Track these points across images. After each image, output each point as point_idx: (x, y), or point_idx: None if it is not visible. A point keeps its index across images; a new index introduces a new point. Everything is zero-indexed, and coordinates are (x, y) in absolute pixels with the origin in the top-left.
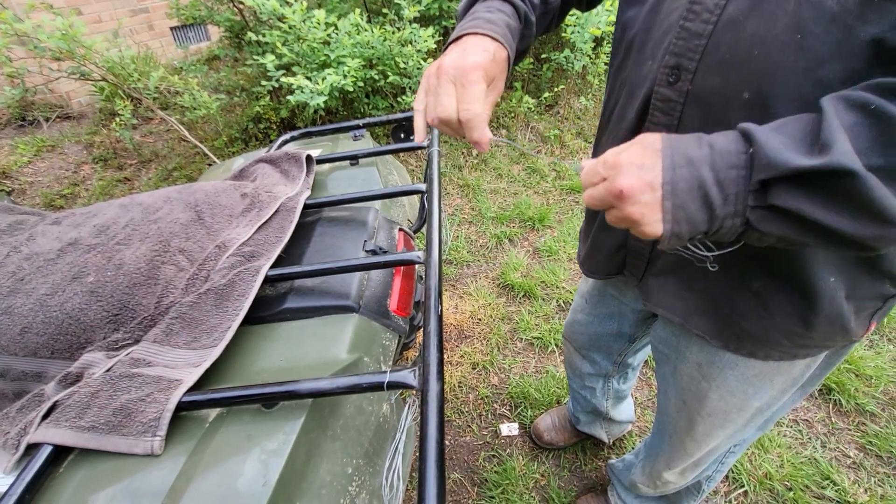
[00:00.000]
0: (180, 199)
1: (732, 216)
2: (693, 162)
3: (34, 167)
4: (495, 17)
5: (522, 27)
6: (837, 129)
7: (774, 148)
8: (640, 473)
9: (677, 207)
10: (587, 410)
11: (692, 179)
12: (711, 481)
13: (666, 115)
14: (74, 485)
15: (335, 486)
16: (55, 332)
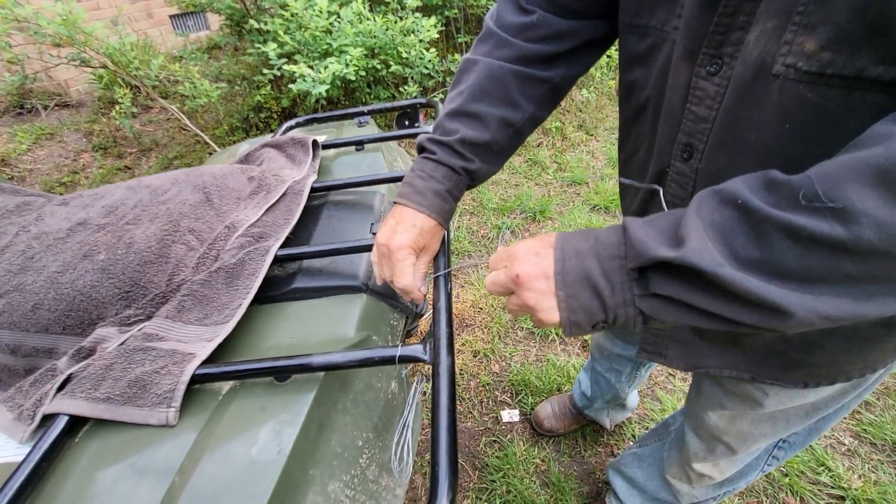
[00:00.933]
0: (188, 182)
1: (623, 305)
2: (580, 253)
3: (33, 155)
4: (427, 185)
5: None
6: (694, 226)
7: (640, 239)
8: (668, 464)
9: (570, 297)
10: (606, 397)
11: (580, 270)
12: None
13: (681, 187)
14: (90, 454)
15: (346, 457)
16: (67, 309)
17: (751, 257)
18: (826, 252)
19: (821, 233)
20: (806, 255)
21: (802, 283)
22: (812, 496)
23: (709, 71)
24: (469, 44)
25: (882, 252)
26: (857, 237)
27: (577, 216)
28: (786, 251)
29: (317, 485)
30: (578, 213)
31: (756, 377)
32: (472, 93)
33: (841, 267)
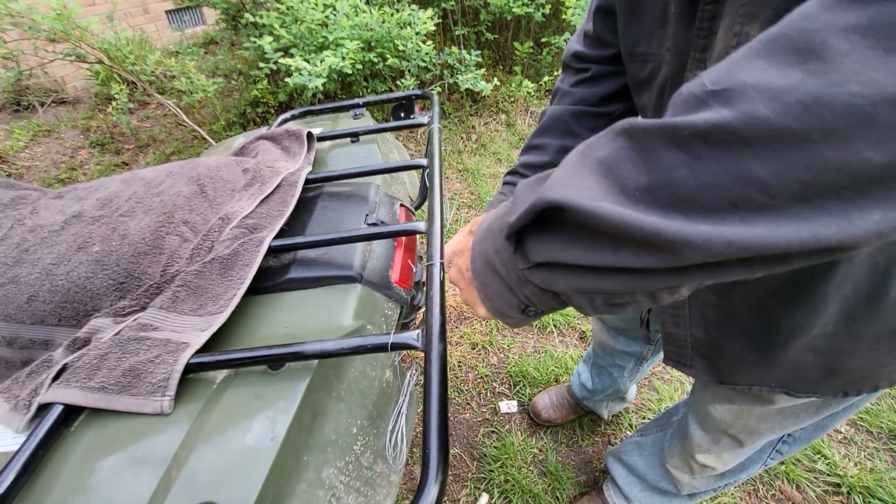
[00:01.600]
0: (182, 174)
1: (520, 284)
2: (485, 235)
3: (31, 152)
4: (497, 199)
5: None
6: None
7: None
8: (670, 454)
9: (483, 285)
10: (608, 391)
11: (484, 254)
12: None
13: None
14: (86, 443)
15: (341, 444)
16: (62, 300)
17: (640, 184)
18: (719, 151)
19: (705, 124)
20: (699, 163)
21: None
22: (808, 483)
23: (696, 74)
24: (466, 36)
25: (785, 131)
26: (749, 115)
27: None
28: (676, 164)
29: (311, 471)
30: None
31: (790, 392)
32: (538, 131)
33: (743, 167)
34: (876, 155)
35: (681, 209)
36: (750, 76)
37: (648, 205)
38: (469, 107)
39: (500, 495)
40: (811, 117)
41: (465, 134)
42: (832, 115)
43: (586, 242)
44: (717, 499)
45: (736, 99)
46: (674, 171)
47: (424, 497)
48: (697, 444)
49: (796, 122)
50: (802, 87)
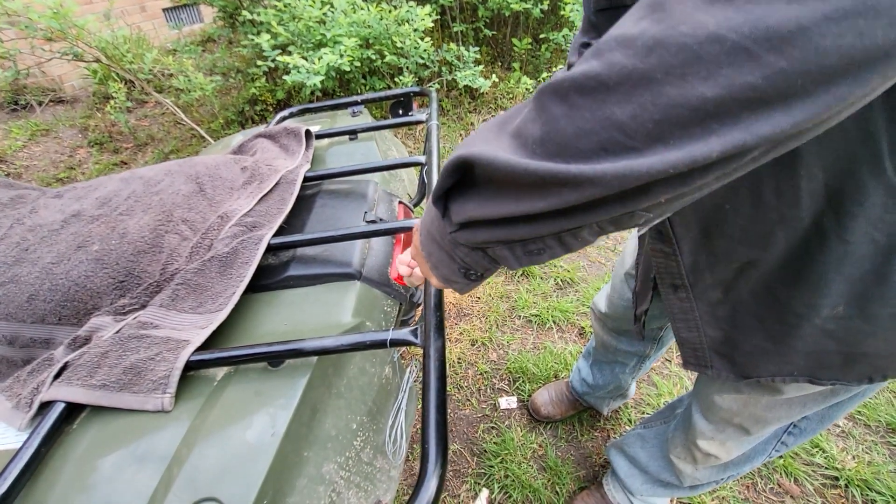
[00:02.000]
0: (181, 172)
1: (452, 246)
2: (428, 208)
3: (29, 151)
4: None
5: None
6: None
7: None
8: (673, 444)
9: (429, 254)
10: (609, 388)
11: (425, 224)
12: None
13: None
14: (88, 440)
15: (341, 440)
16: (62, 299)
17: (535, 137)
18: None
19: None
20: (575, 112)
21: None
22: (806, 477)
23: None
24: (464, 32)
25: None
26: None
27: None
28: (560, 116)
29: (311, 466)
30: None
31: (814, 380)
32: None
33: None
34: (707, 90)
35: (562, 156)
36: (615, 31)
37: (540, 155)
38: (468, 103)
39: (500, 490)
40: (653, 58)
41: (464, 131)
42: (669, 54)
43: (494, 196)
44: (715, 492)
45: (603, 51)
46: (558, 121)
47: (423, 490)
48: (701, 432)
49: (643, 63)
50: (647, 32)
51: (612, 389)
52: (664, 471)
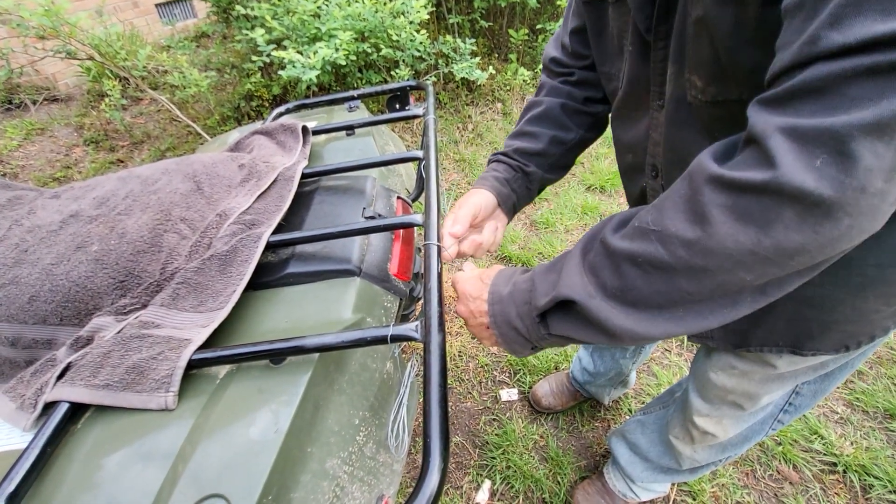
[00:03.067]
0: (178, 171)
1: (540, 339)
2: (503, 300)
3: (24, 151)
4: (487, 174)
5: (522, 175)
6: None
7: (538, 290)
8: (672, 425)
9: (502, 335)
10: (610, 374)
11: (504, 314)
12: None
13: None
14: (93, 439)
15: (343, 435)
16: (63, 300)
17: (614, 287)
18: (661, 273)
19: (651, 256)
20: (649, 279)
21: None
22: (805, 463)
23: (658, 104)
24: (461, 24)
25: (698, 267)
26: (675, 255)
27: (573, 196)
28: (634, 278)
29: (315, 462)
30: (574, 194)
31: (797, 350)
32: (530, 119)
33: (678, 285)
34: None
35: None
36: (674, 226)
37: (620, 302)
38: (465, 96)
39: (503, 481)
40: (711, 259)
41: (462, 124)
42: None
43: (587, 326)
44: (714, 480)
45: (666, 242)
46: (635, 281)
47: (426, 485)
48: (697, 411)
49: (703, 261)
50: (702, 241)
51: (613, 376)
52: (664, 456)
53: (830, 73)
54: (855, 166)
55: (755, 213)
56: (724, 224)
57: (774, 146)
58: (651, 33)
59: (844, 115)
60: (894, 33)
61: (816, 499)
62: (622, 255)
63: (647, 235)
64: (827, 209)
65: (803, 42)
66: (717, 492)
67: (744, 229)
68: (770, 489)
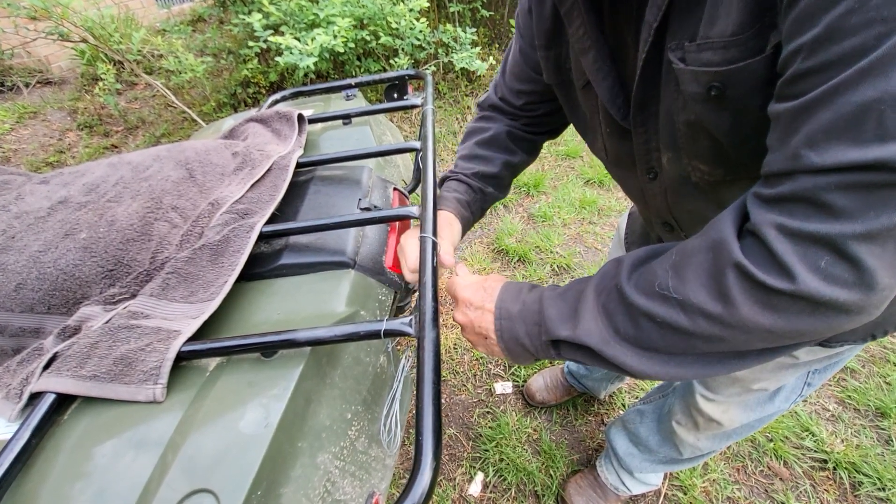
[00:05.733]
0: (170, 158)
1: (546, 356)
2: (512, 317)
3: (17, 134)
4: (449, 195)
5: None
6: (588, 308)
7: (550, 317)
8: (674, 412)
9: (509, 349)
10: None
11: (512, 331)
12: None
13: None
14: (80, 431)
15: (335, 429)
16: (50, 288)
17: (629, 334)
18: (679, 334)
19: (671, 319)
20: (666, 336)
21: (668, 356)
22: (795, 460)
23: (649, 178)
24: (461, 13)
25: (716, 337)
26: (695, 323)
27: (571, 190)
28: (651, 331)
29: (306, 456)
30: (572, 188)
31: (825, 343)
32: (480, 143)
33: (693, 345)
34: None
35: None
36: (696, 298)
37: (633, 346)
38: (464, 86)
39: (495, 474)
40: (730, 332)
41: (461, 115)
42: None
43: (598, 361)
44: (706, 475)
45: (688, 310)
46: (651, 334)
47: (417, 482)
48: (702, 395)
49: (721, 332)
50: (724, 317)
51: None
52: (664, 445)
53: (815, 186)
54: (858, 267)
55: (777, 307)
56: (746, 307)
57: (781, 251)
58: (628, 121)
59: (837, 225)
60: (866, 161)
61: (806, 495)
62: (640, 311)
63: (667, 301)
64: (842, 308)
65: (786, 157)
66: (707, 487)
67: (763, 315)
68: (761, 485)
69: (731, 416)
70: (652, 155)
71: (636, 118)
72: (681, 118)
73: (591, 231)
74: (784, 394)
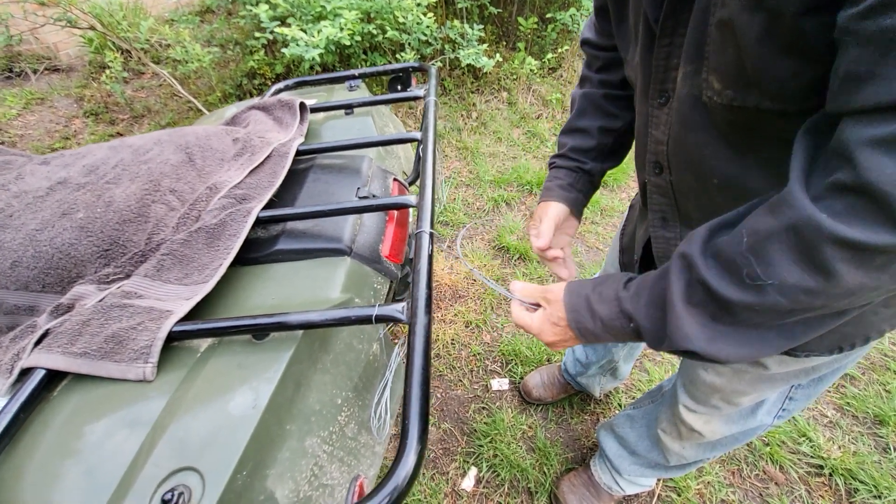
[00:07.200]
0: (171, 142)
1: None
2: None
3: (24, 120)
4: (552, 184)
5: (583, 174)
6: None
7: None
8: (659, 420)
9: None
10: (602, 362)
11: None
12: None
13: (662, 196)
14: (69, 407)
15: (325, 414)
16: (45, 266)
17: (725, 323)
18: (780, 314)
19: (771, 304)
20: (761, 318)
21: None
22: (791, 465)
23: (659, 102)
24: (469, 9)
25: (818, 305)
26: (795, 300)
27: None
28: (751, 317)
29: (294, 439)
30: None
31: (790, 352)
32: (576, 114)
33: (794, 317)
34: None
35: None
36: (792, 278)
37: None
38: (470, 83)
39: (489, 469)
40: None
41: (466, 111)
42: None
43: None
44: (700, 477)
45: (787, 292)
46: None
47: (402, 465)
48: (685, 406)
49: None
50: (826, 289)
51: (604, 364)
52: (651, 450)
53: None
54: None
55: (881, 263)
56: (849, 274)
57: None
58: (657, 24)
59: None
60: None
61: (801, 500)
62: (741, 306)
63: (763, 290)
64: None
65: None
66: (702, 489)
67: (868, 275)
68: (755, 489)
69: (712, 428)
70: (669, 74)
71: (665, 23)
72: (715, 17)
73: (592, 231)
74: (766, 408)
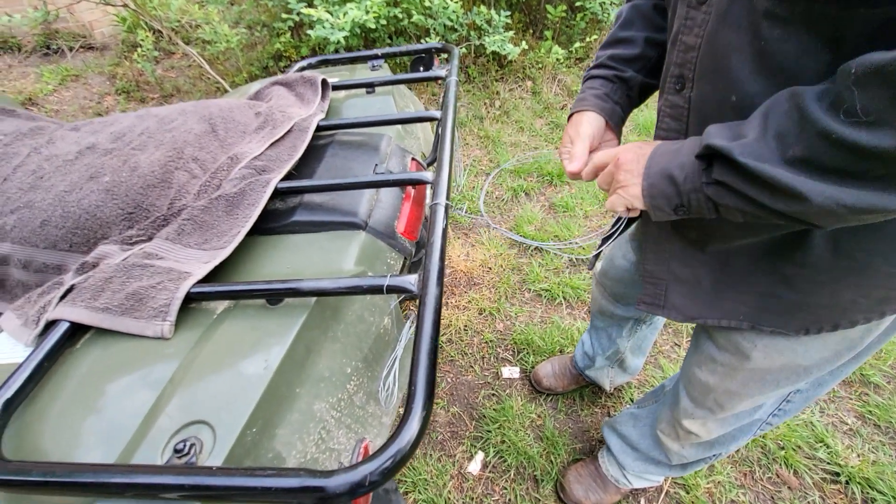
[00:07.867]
0: (195, 112)
1: (694, 191)
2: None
3: (59, 96)
4: (586, 93)
5: (620, 84)
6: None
7: (710, 133)
8: (659, 420)
9: (651, 185)
10: (607, 353)
11: (662, 164)
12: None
13: (675, 120)
14: (91, 359)
15: (334, 381)
16: (73, 226)
17: (797, 156)
18: (855, 154)
19: (858, 142)
20: (837, 152)
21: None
22: (806, 470)
23: (699, 0)
24: None
25: None
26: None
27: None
28: (826, 152)
29: (303, 402)
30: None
31: (756, 325)
32: (621, 25)
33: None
34: None
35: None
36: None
37: (800, 169)
38: (494, 71)
39: (496, 455)
40: None
41: (489, 100)
42: None
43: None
44: (710, 476)
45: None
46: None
47: (407, 428)
48: (683, 409)
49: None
50: None
51: (610, 355)
52: (653, 449)
53: None
54: None
55: None
56: None
57: None
58: None
59: None
60: None
61: None
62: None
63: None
64: None
65: None
66: (711, 488)
67: None
68: (767, 491)
69: (708, 429)
70: None
71: None
72: None
73: None
74: (760, 414)
